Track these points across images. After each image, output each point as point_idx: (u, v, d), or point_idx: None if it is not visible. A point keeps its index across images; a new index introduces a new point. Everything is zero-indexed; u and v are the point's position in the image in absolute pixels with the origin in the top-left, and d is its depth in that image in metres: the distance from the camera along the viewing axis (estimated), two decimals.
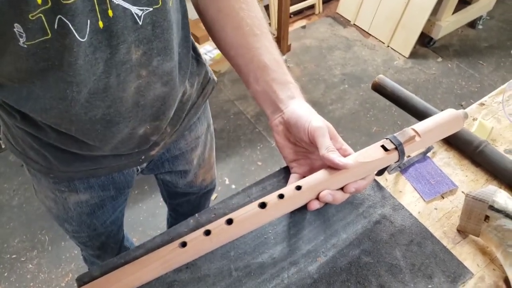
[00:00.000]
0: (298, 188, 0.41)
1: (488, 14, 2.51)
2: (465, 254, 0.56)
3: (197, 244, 0.37)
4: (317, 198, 0.43)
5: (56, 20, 0.38)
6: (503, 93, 0.78)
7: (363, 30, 2.49)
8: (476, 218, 0.55)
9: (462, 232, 0.58)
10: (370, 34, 2.45)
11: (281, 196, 0.40)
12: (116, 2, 0.41)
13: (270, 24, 2.40)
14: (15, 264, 1.43)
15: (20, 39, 0.38)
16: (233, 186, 1.68)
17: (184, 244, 0.37)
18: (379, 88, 0.77)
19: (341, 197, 0.44)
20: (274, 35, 2.09)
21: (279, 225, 0.56)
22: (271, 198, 0.40)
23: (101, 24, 0.41)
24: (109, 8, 0.41)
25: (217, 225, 0.38)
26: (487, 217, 0.54)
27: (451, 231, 0.59)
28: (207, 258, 0.52)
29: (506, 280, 0.53)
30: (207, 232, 0.37)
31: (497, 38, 2.43)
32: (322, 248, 0.53)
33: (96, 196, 0.70)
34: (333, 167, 0.44)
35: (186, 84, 0.62)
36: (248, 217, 0.39)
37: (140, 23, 0.44)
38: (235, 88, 2.13)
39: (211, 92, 0.73)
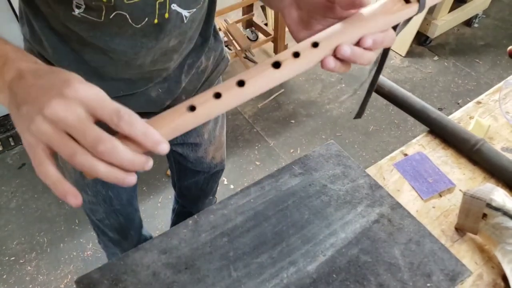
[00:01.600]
0: (315, 44, 0.37)
1: (484, 13, 2.51)
2: (463, 252, 0.57)
3: (207, 106, 0.35)
4: (334, 55, 0.39)
5: (114, 13, 0.44)
6: (500, 91, 0.78)
7: None
8: (474, 216, 0.55)
9: (460, 230, 0.59)
10: None
11: (296, 55, 0.36)
12: (173, 8, 0.48)
13: (267, 24, 2.40)
14: (14, 266, 1.42)
15: (77, 10, 0.44)
16: (232, 186, 1.68)
17: (193, 108, 0.35)
18: (376, 88, 0.77)
19: (360, 52, 0.39)
20: (271, 35, 2.09)
21: (278, 225, 0.56)
22: (285, 57, 0.36)
23: (156, 21, 0.47)
24: (167, 12, 0.48)
25: (228, 87, 0.35)
26: (485, 215, 0.54)
27: (449, 230, 0.59)
28: (206, 259, 0.52)
29: (504, 277, 0.54)
30: (217, 95, 0.35)
31: (493, 37, 2.44)
32: (321, 248, 0.53)
33: None
34: (348, 17, 0.40)
35: (202, 58, 0.68)
36: (260, 77, 0.36)
37: (185, 21, 0.52)
38: None
39: (224, 69, 0.79)
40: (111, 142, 0.30)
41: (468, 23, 2.52)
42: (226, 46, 2.22)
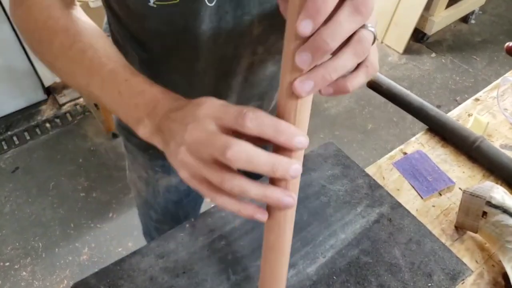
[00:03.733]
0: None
1: (480, 9, 2.51)
2: (463, 250, 0.56)
3: None
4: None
5: None
6: (498, 88, 0.78)
7: None
8: (474, 215, 0.55)
9: (460, 228, 0.58)
10: None
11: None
12: None
13: None
14: (9, 272, 1.41)
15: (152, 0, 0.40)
16: None
17: None
18: (374, 86, 0.77)
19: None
20: None
21: None
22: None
23: None
24: None
25: None
26: (484, 213, 0.54)
27: (449, 228, 0.58)
28: (204, 262, 0.52)
29: (505, 275, 0.53)
30: None
31: (489, 33, 2.43)
32: (320, 249, 0.53)
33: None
34: None
35: None
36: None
37: None
38: None
39: None
40: (239, 145, 0.28)
41: (465, 19, 2.52)
42: None
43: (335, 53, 0.28)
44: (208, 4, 0.42)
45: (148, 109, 0.36)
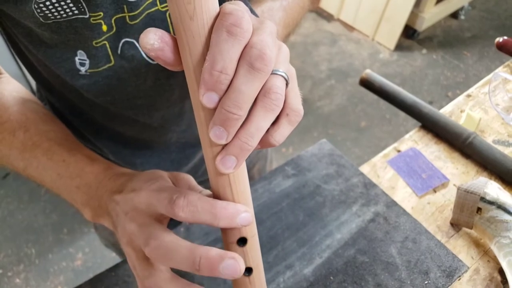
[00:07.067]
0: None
1: (470, 4, 2.53)
2: (459, 247, 0.56)
3: None
4: None
5: (120, 44, 0.37)
6: (489, 84, 0.78)
7: (347, 24, 2.49)
8: (469, 211, 0.55)
9: (456, 225, 0.58)
10: (355, 28, 2.46)
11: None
12: None
13: None
14: (2, 280, 1.39)
15: (82, 68, 0.37)
16: None
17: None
18: (367, 84, 0.76)
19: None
20: None
21: (273, 229, 0.55)
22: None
23: None
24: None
25: None
26: (479, 209, 0.54)
27: (444, 225, 0.59)
28: None
29: (500, 271, 0.53)
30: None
31: (479, 28, 2.46)
32: (317, 250, 0.52)
33: None
34: None
35: None
36: None
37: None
38: None
39: None
40: (157, 240, 0.27)
41: (454, 15, 2.54)
42: None
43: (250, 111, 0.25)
44: (150, 61, 0.38)
45: (91, 191, 0.35)
